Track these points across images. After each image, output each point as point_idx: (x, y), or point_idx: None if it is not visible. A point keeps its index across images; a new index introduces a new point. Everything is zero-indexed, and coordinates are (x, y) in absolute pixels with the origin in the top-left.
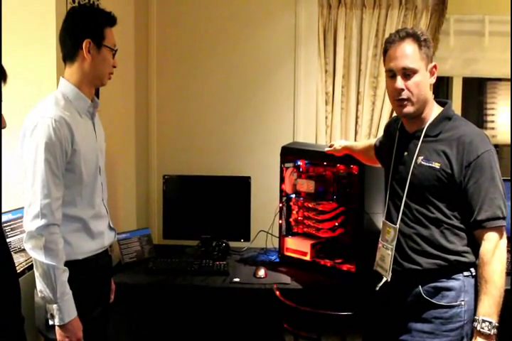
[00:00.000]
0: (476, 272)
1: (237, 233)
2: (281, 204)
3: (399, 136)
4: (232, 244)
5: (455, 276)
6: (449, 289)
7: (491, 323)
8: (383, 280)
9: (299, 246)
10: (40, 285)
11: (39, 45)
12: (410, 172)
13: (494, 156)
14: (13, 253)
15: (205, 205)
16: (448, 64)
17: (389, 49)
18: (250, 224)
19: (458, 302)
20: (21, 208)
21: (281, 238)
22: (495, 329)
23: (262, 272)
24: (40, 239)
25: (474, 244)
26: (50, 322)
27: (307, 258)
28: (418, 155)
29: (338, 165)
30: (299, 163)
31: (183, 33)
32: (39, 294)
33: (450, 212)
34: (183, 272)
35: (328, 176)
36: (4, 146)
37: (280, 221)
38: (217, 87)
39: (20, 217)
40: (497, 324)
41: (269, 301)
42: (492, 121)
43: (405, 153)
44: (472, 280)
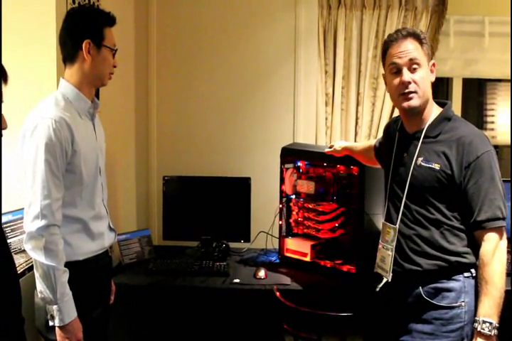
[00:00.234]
0: (476, 273)
1: (237, 234)
2: (281, 205)
3: (398, 137)
4: (232, 245)
5: (455, 277)
6: (449, 290)
7: (491, 324)
8: (383, 281)
9: (299, 247)
10: (40, 286)
11: (39, 45)
12: (410, 174)
13: (494, 157)
14: (13, 254)
15: (205, 206)
16: (448, 65)
17: (390, 46)
18: (250, 224)
19: (458, 303)
20: (21, 209)
21: (281, 239)
22: (495, 330)
23: (262, 273)
24: (40, 239)
25: (474, 245)
26: (50, 323)
27: (307, 259)
28: (418, 156)
29: (338, 165)
30: (299, 163)
31: (183, 33)
32: (39, 295)
33: (450, 212)
34: (183, 273)
35: (328, 177)
36: (4, 147)
37: (280, 222)
38: (218, 88)
39: (21, 218)
40: (497, 325)
41: (269, 302)
42: (492, 122)
43: (405, 154)
44: (472, 281)
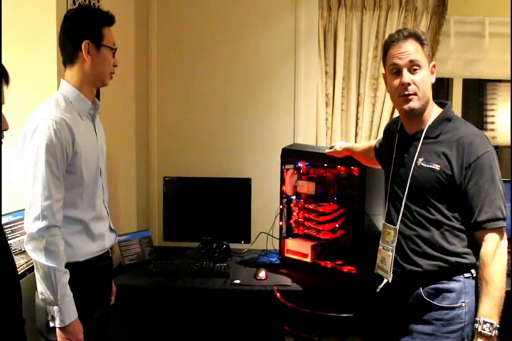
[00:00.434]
0: (476, 273)
1: (237, 235)
2: (281, 206)
3: (399, 137)
4: (233, 246)
5: (456, 278)
6: (449, 291)
7: (492, 324)
8: (384, 282)
9: (299, 248)
10: (40, 287)
11: (39, 45)
12: (410, 174)
13: (494, 157)
14: (13, 255)
15: (206, 207)
16: (448, 65)
17: (391, 47)
18: (251, 225)
19: (459, 304)
20: (22, 210)
21: (281, 240)
22: (496, 331)
23: (262, 274)
24: (40, 240)
25: (475, 246)
26: (51, 324)
27: (308, 259)
28: (418, 157)
29: (339, 166)
30: (300, 164)
31: (183, 33)
32: (40, 296)
33: (450, 213)
34: (184, 274)
35: (328, 178)
36: (5, 148)
37: (280, 222)
38: (218, 89)
39: (21, 219)
40: (498, 325)
41: (270, 303)
42: (492, 123)
43: (405, 155)
44: (473, 282)
